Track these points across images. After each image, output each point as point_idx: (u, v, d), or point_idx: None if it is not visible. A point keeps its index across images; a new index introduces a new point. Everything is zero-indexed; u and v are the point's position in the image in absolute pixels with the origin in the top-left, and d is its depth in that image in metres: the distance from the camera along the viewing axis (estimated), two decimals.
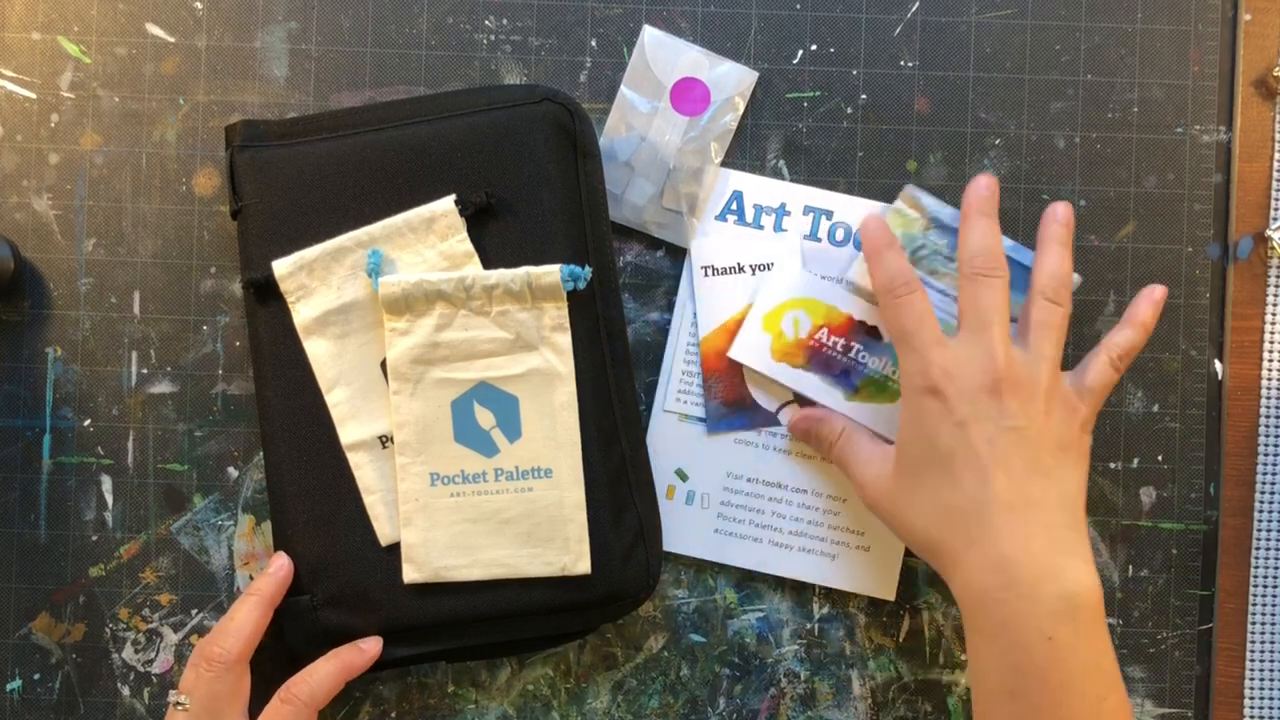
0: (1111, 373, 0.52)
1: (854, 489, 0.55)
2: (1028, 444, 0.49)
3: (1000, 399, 0.49)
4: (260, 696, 0.53)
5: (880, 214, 0.56)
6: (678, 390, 0.59)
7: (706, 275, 0.58)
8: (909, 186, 0.58)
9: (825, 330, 0.58)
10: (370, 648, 0.54)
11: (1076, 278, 0.56)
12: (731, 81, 0.59)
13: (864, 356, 0.57)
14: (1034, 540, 0.48)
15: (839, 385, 0.57)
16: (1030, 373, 0.50)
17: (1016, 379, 0.49)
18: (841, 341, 0.57)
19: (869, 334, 0.57)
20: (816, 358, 0.57)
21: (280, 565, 0.54)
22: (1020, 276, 0.55)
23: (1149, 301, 0.54)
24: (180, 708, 0.51)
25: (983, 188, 0.53)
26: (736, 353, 0.58)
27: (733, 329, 0.58)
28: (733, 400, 0.58)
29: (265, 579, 0.54)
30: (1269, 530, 0.60)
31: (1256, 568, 0.60)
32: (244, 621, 0.52)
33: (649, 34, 0.59)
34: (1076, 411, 0.51)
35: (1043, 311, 0.51)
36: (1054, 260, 0.52)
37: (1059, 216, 0.53)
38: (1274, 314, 0.60)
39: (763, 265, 0.58)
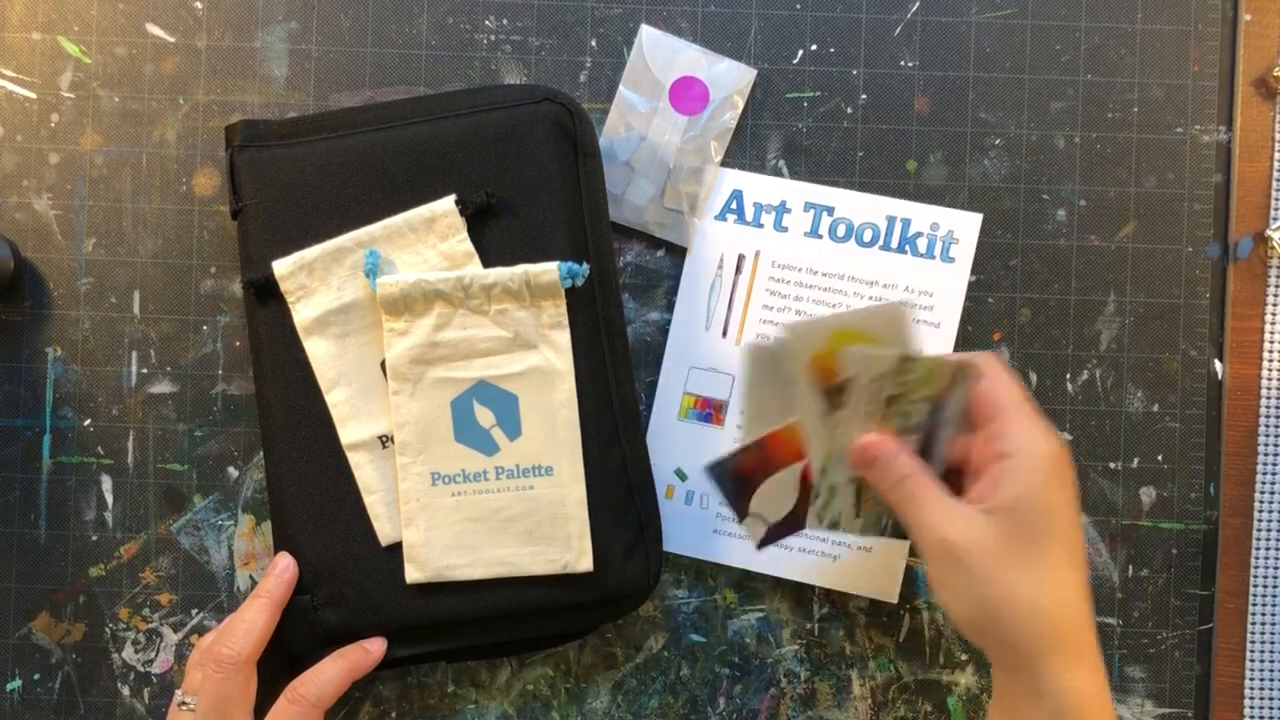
0: None
1: (917, 536, 0.48)
2: None
3: None
4: (260, 696, 0.53)
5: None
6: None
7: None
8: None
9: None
10: (375, 648, 0.54)
11: None
12: (730, 80, 0.59)
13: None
14: None
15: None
16: None
17: None
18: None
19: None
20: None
21: (286, 566, 0.54)
22: None
23: None
24: (186, 708, 0.51)
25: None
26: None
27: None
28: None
29: (272, 580, 0.54)
30: (1269, 530, 0.60)
31: (1256, 568, 0.60)
32: (254, 623, 0.52)
33: (647, 33, 0.59)
34: None
35: None
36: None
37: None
38: (1274, 314, 0.60)
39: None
